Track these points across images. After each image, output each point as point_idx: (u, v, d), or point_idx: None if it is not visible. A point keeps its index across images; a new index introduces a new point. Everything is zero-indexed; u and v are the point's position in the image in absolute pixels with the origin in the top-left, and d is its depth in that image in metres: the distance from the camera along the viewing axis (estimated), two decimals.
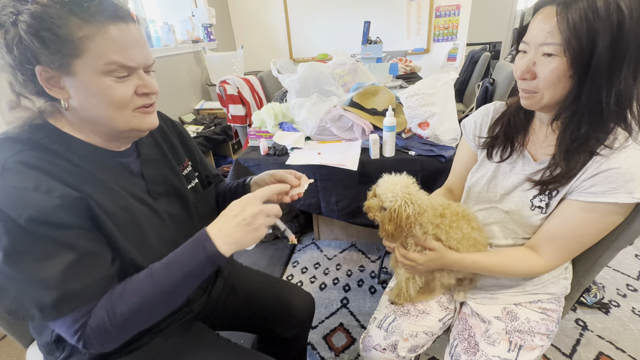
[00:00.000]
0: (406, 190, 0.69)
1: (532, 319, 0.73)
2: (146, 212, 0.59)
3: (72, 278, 0.47)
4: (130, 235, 0.55)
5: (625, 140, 0.58)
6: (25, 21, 0.44)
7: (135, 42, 0.51)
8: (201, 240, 0.52)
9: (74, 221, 0.48)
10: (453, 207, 0.75)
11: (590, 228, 0.63)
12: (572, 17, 0.51)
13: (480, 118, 0.80)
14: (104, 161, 0.56)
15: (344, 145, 1.43)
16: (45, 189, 0.46)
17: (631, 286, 1.51)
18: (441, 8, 3.39)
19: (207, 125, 2.70)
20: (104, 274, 0.51)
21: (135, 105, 0.53)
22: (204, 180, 0.79)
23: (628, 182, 0.56)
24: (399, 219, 0.68)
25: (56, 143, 0.51)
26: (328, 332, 1.39)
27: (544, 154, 0.69)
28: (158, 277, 0.51)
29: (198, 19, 3.11)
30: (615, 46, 0.51)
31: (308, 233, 2.03)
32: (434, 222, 0.71)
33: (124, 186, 0.57)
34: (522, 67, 0.60)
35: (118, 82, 0.50)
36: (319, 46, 3.78)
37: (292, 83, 1.62)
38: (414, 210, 0.68)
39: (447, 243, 0.71)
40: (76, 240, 0.48)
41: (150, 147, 0.66)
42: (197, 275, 0.52)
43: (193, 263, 0.51)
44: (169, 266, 0.52)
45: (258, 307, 0.86)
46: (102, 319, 0.48)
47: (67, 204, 0.47)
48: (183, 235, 0.58)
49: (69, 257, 0.47)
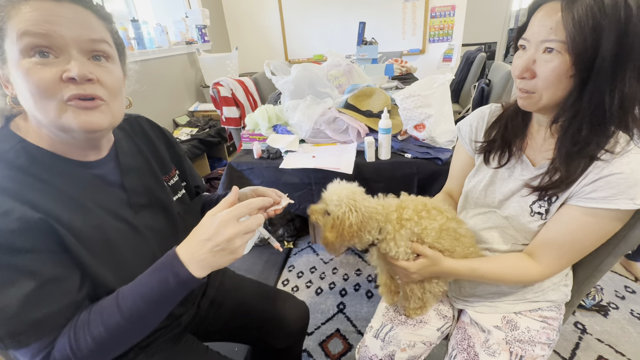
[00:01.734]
0: (352, 197, 0.65)
1: (533, 328, 0.71)
2: (122, 229, 0.55)
3: (33, 307, 0.43)
4: (103, 256, 0.51)
5: (627, 144, 0.56)
6: None
7: (63, 17, 0.44)
8: (172, 265, 0.46)
9: (35, 245, 0.44)
10: (416, 200, 0.71)
11: (589, 234, 0.61)
12: (577, 12, 0.49)
13: (476, 122, 0.78)
14: (74, 174, 0.51)
15: (339, 147, 1.41)
16: (3, 211, 0.42)
17: (629, 288, 1.50)
18: (436, 9, 3.38)
19: (201, 128, 2.67)
20: (70, 300, 0.47)
21: (63, 96, 0.45)
22: (191, 190, 0.76)
23: (630, 187, 0.54)
24: (341, 227, 0.64)
25: (21, 157, 0.47)
26: (324, 338, 1.36)
27: (543, 158, 0.66)
28: (124, 305, 0.47)
29: (192, 20, 3.08)
30: (621, 44, 0.49)
31: (304, 236, 2.00)
32: (392, 223, 0.67)
33: (98, 201, 0.53)
34: (520, 66, 0.57)
35: (40, 63, 0.43)
36: (314, 47, 3.76)
37: (286, 85, 1.59)
38: (357, 219, 0.64)
39: (424, 238, 0.68)
40: (37, 265, 0.44)
41: (132, 155, 0.61)
42: (168, 301, 0.48)
43: (163, 289, 0.46)
44: (136, 292, 0.47)
45: (250, 318, 0.84)
46: (64, 350, 0.45)
47: (26, 226, 0.43)
48: (165, 250, 0.54)
49: (29, 284, 0.43)
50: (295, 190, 1.33)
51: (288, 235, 1.93)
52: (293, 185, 1.33)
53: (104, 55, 0.49)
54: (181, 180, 0.72)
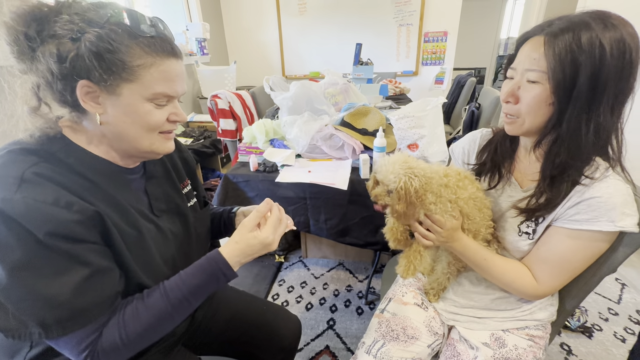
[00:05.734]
0: (406, 165, 0.67)
1: (520, 346, 0.73)
2: (152, 229, 0.60)
3: (83, 294, 0.47)
4: (136, 253, 0.55)
5: (606, 170, 0.60)
6: (91, 40, 0.46)
7: (180, 76, 0.55)
8: (220, 268, 0.57)
9: (90, 236, 0.48)
10: (453, 169, 0.73)
11: (577, 255, 0.64)
12: (557, 47, 0.54)
13: (468, 145, 0.82)
14: (115, 177, 0.57)
15: (334, 163, 1.44)
16: (65, 203, 0.46)
17: (612, 310, 1.53)
18: (429, 34, 3.53)
19: (196, 138, 2.67)
20: (113, 291, 0.51)
21: (163, 130, 0.57)
22: (201, 200, 0.79)
23: (609, 211, 0.58)
24: (407, 196, 0.65)
25: (70, 156, 0.51)
26: (313, 355, 1.35)
27: (530, 180, 0.70)
28: (174, 296, 0.54)
29: (192, 33, 3.13)
30: (596, 79, 0.54)
31: (295, 251, 2.00)
32: (442, 184, 0.69)
33: (131, 203, 0.58)
34: (507, 91, 0.63)
35: (157, 108, 0.54)
36: (311, 64, 3.85)
37: (284, 101, 1.63)
38: (420, 182, 0.65)
39: (457, 205, 0.69)
40: (90, 255, 0.48)
41: (156, 165, 0.67)
42: (208, 294, 0.58)
43: (211, 286, 0.57)
44: (184, 286, 0.55)
45: (242, 331, 0.83)
46: (114, 339, 0.49)
47: (85, 219, 0.47)
48: (181, 253, 0.59)
49: (83, 272, 0.47)
50: (289, 204, 1.34)
51: (279, 248, 1.93)
52: (288, 199, 1.34)
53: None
54: (193, 189, 0.76)
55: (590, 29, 0.53)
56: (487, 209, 0.73)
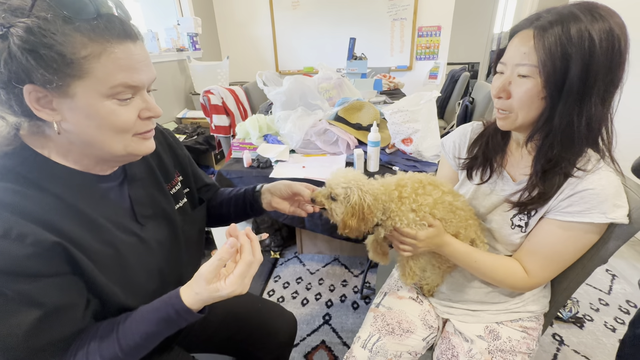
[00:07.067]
0: (358, 178, 0.69)
1: (514, 338, 0.74)
2: (131, 242, 0.54)
3: (36, 336, 0.42)
4: (113, 273, 0.50)
5: (598, 162, 0.61)
6: (19, 35, 0.37)
7: (142, 62, 0.47)
8: (179, 312, 0.49)
9: (48, 269, 0.43)
10: (413, 178, 0.73)
11: (568, 247, 0.64)
12: (547, 40, 0.54)
13: (459, 139, 0.82)
14: (87, 189, 0.51)
15: (328, 159, 1.44)
16: (16, 235, 0.40)
17: (603, 300, 1.56)
18: (423, 28, 3.52)
19: (189, 135, 2.64)
20: (74, 329, 0.47)
21: (136, 131, 0.49)
22: (194, 198, 0.74)
23: (602, 203, 0.59)
24: (360, 212, 0.67)
25: (33, 171, 0.45)
26: (310, 350, 1.35)
27: (522, 174, 0.70)
28: (125, 343, 0.48)
29: (183, 28, 3.08)
30: (586, 71, 0.54)
31: (291, 246, 2.00)
32: (395, 201, 0.70)
33: (108, 215, 0.52)
34: (498, 86, 0.62)
35: (121, 105, 0.46)
36: (305, 59, 3.82)
37: (277, 96, 1.62)
38: (371, 200, 0.67)
39: (419, 212, 0.69)
40: (47, 292, 0.43)
41: (138, 165, 0.60)
42: (165, 336, 0.51)
43: (165, 331, 0.50)
44: (136, 331, 0.49)
45: (237, 328, 0.83)
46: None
47: (41, 251, 0.42)
48: (170, 262, 0.54)
49: (35, 314, 0.42)
50: None
51: (275, 245, 1.93)
52: None
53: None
54: (184, 186, 0.71)
55: (579, 21, 0.53)
56: (460, 210, 0.72)
